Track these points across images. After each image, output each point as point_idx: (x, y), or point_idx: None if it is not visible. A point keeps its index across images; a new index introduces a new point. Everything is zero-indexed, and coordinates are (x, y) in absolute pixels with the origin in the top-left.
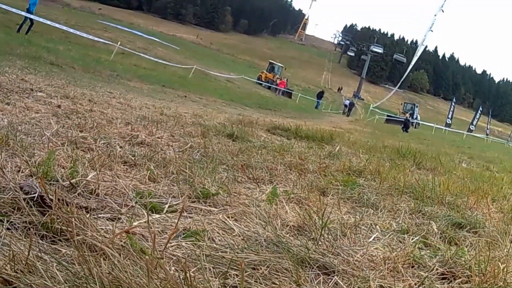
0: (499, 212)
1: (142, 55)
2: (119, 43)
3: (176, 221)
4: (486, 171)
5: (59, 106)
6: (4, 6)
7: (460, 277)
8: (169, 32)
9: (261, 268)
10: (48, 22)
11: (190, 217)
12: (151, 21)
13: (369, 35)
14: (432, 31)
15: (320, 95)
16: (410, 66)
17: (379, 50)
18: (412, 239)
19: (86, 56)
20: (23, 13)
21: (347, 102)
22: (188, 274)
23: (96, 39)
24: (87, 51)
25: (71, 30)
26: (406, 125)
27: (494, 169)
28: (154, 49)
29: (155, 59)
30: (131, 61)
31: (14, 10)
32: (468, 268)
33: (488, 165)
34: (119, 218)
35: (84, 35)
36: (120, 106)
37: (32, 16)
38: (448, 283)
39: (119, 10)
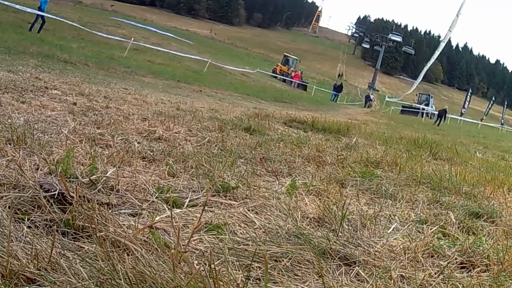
0: None
1: (158, 48)
2: (132, 39)
3: (197, 215)
4: (501, 160)
5: (75, 104)
6: (15, 5)
7: (478, 266)
8: (183, 27)
9: (283, 260)
10: (63, 20)
11: (211, 211)
12: (164, 17)
13: (382, 26)
14: (458, 15)
15: (338, 88)
16: (432, 60)
17: (398, 38)
18: (431, 229)
19: (99, 53)
20: (35, 11)
21: (372, 97)
22: (213, 267)
23: (109, 36)
24: (100, 48)
25: (85, 28)
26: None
27: (509, 158)
28: (168, 44)
29: (173, 52)
30: (145, 57)
31: (25, 9)
32: (486, 257)
33: (504, 155)
34: (141, 214)
35: (97, 33)
36: (136, 102)
37: (44, 14)
38: (467, 272)
39: (132, 7)
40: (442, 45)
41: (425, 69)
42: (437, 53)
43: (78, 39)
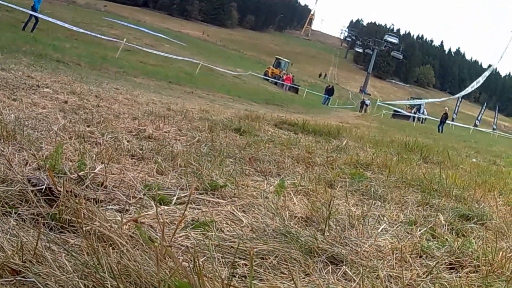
0: (506, 205)
1: (149, 50)
2: (125, 40)
3: (184, 212)
4: (492, 165)
5: (66, 102)
6: (9, 4)
7: (467, 267)
8: (175, 28)
9: (269, 258)
10: (56, 22)
11: (198, 209)
12: (157, 18)
13: (375, 30)
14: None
15: (330, 91)
16: (477, 84)
17: (394, 40)
18: (420, 230)
19: (92, 54)
20: (28, 11)
21: (368, 102)
22: (197, 263)
23: (102, 36)
24: (93, 48)
25: (78, 29)
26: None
27: (501, 163)
28: (160, 45)
29: (164, 54)
30: (138, 58)
31: (19, 8)
32: (475, 258)
33: (495, 160)
34: (128, 210)
35: (90, 33)
36: (126, 101)
37: (37, 14)
38: (456, 273)
39: (125, 7)
40: (487, 73)
41: (465, 91)
42: (482, 79)
43: (71, 39)
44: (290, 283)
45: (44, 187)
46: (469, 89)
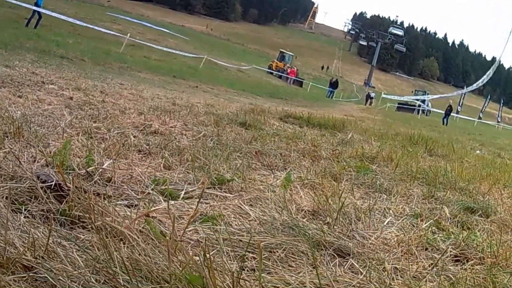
0: (511, 198)
1: (153, 45)
2: (128, 35)
3: (193, 206)
4: (497, 158)
5: (71, 98)
6: (12, 1)
7: (472, 259)
8: (178, 22)
9: (277, 251)
10: (59, 16)
11: (206, 203)
12: (160, 12)
13: (378, 23)
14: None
15: (334, 85)
16: (485, 78)
17: (399, 32)
18: (425, 223)
19: (96, 49)
20: (32, 7)
21: (373, 95)
22: (208, 255)
23: (105, 31)
24: (96, 43)
25: (81, 23)
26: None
27: (505, 156)
28: (164, 40)
29: (168, 49)
30: (141, 53)
31: (22, 4)
32: (480, 250)
33: (500, 152)
34: (137, 205)
35: (94, 27)
36: (132, 97)
37: (40, 9)
38: (461, 265)
39: (128, 2)
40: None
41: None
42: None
43: (75, 35)
44: (298, 275)
45: (53, 183)
46: (479, 83)
